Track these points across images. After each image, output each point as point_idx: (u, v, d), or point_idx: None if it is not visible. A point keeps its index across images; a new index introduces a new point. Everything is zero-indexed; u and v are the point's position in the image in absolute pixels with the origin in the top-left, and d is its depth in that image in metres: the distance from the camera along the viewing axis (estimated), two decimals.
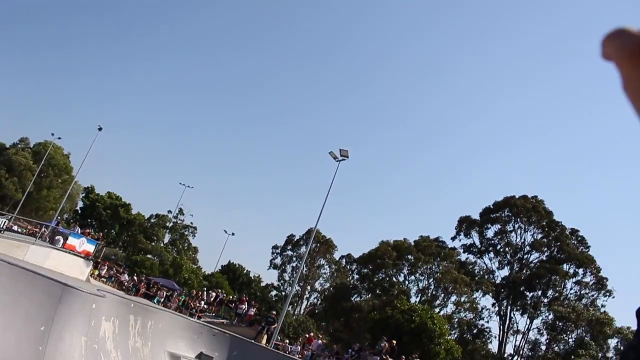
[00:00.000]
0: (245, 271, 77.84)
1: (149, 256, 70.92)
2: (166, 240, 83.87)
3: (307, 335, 39.83)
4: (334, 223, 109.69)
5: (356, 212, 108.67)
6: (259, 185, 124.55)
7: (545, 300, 59.31)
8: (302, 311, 71.24)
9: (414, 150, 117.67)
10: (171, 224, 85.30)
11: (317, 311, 69.12)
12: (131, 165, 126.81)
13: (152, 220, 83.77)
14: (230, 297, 50.39)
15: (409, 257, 62.08)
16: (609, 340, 55.53)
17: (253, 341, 29.06)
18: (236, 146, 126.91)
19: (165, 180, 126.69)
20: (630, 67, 0.53)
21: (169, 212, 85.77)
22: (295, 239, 76.08)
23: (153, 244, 78.42)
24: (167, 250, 76.32)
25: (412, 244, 63.23)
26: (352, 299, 63.12)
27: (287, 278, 74.57)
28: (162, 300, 41.43)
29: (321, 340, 39.12)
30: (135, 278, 47.65)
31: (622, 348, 53.05)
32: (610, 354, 54.91)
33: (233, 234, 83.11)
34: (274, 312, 38.65)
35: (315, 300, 74.79)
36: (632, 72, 0.53)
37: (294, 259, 75.32)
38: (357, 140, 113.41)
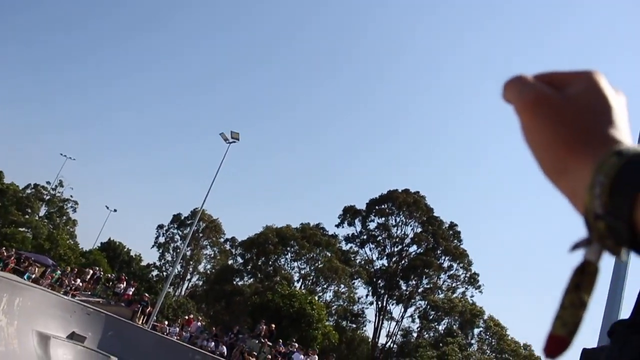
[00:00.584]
0: (125, 249, 75.66)
1: (22, 229, 66.90)
2: (42, 213, 79.26)
3: (187, 317, 39.58)
4: (223, 205, 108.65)
5: (245, 195, 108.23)
6: (148, 161, 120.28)
7: (420, 290, 62.68)
8: (183, 292, 70.39)
9: (303, 135, 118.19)
10: (49, 196, 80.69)
11: (198, 293, 68.58)
12: (6, 131, 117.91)
13: (28, 191, 78.75)
14: (109, 275, 48.85)
15: (293, 243, 63.02)
16: (475, 330, 60.29)
17: (130, 321, 28.54)
18: (125, 120, 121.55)
19: (45, 150, 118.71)
20: (527, 115, 0.56)
21: (48, 183, 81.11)
22: (182, 218, 74.92)
23: (27, 216, 73.81)
24: (43, 224, 72.20)
25: (296, 231, 64.20)
26: (235, 282, 63.19)
27: (169, 258, 73.30)
28: (34, 276, 39.34)
29: (200, 323, 38.99)
30: (4, 252, 44.79)
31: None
32: (473, 341, 59.72)
33: (115, 210, 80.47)
34: (147, 295, 38.27)
35: (198, 281, 74.20)
36: (529, 120, 0.55)
37: (178, 238, 74.15)
38: (250, 123, 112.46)
